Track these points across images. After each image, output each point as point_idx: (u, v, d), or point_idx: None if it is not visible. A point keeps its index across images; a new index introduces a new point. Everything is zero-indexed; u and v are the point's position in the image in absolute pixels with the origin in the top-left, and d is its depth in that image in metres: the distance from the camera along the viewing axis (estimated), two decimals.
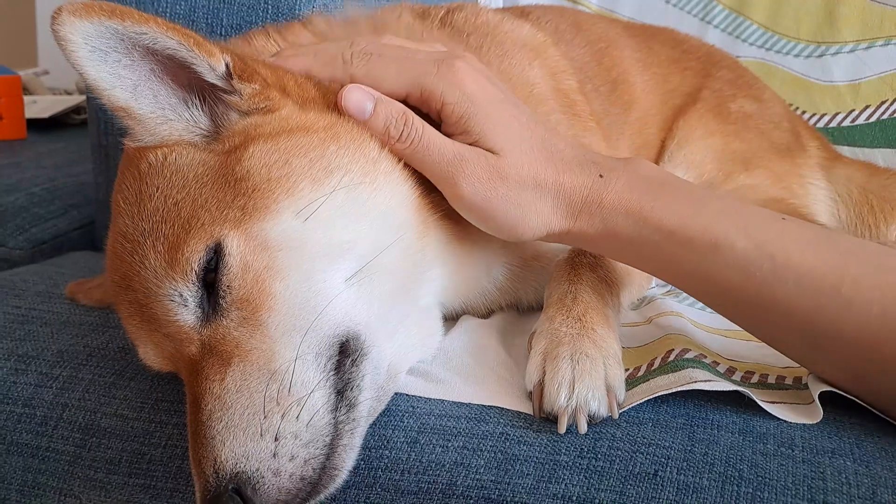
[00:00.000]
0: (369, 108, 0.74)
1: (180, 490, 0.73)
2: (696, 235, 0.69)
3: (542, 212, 0.73)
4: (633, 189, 0.72)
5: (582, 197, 0.73)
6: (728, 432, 0.68)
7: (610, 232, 0.72)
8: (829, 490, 0.62)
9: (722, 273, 0.68)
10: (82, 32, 0.67)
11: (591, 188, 0.72)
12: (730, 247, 0.68)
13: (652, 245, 0.71)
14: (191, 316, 0.68)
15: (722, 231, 0.68)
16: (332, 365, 0.68)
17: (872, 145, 1.42)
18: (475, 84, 0.74)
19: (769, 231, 0.68)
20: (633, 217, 0.71)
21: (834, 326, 0.65)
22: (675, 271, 0.73)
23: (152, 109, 0.73)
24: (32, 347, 0.87)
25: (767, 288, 0.67)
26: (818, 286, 0.65)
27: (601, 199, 0.72)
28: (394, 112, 0.74)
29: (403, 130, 0.74)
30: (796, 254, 0.66)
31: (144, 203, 0.70)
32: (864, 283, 0.64)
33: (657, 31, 1.36)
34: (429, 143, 0.73)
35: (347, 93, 0.74)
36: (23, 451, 0.78)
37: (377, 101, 0.75)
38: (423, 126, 0.74)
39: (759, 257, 0.67)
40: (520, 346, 0.80)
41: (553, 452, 0.66)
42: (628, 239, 0.72)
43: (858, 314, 0.64)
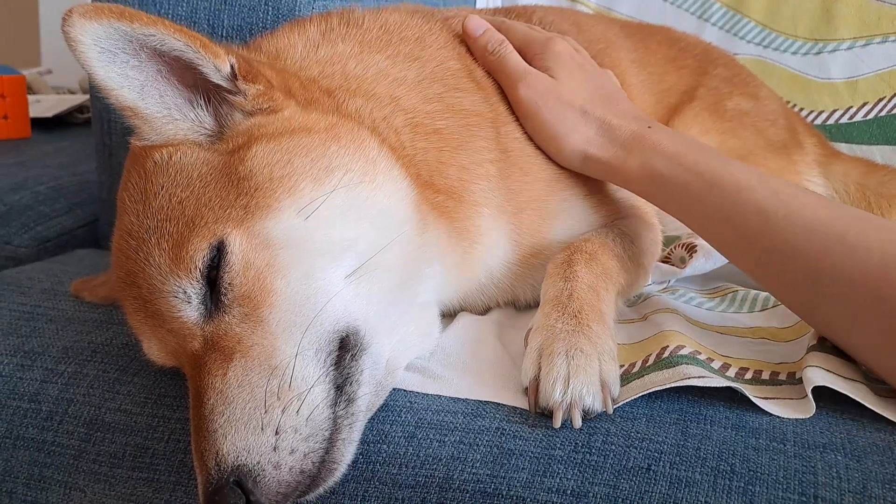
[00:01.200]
0: (481, 30, 0.97)
1: (183, 483, 0.74)
2: (723, 178, 0.78)
3: (585, 134, 0.89)
4: (673, 141, 0.84)
5: (625, 135, 0.87)
6: (721, 427, 0.68)
7: (647, 169, 0.84)
8: (820, 484, 0.62)
9: (741, 214, 0.76)
10: (92, 34, 0.69)
11: (636, 131, 0.87)
12: (751, 191, 0.76)
13: (682, 185, 0.81)
14: (194, 312, 0.69)
15: (745, 178, 0.78)
16: (332, 360, 0.68)
17: (870, 142, 1.42)
18: (565, 49, 0.96)
19: (787, 188, 0.76)
20: (669, 158, 0.82)
21: (836, 268, 0.70)
22: (700, 211, 0.81)
23: (158, 109, 0.74)
24: (38, 344, 0.88)
25: (781, 231, 0.74)
26: (826, 233, 0.71)
27: (643, 141, 0.85)
28: (496, 37, 0.97)
29: (497, 48, 0.95)
30: (808, 205, 0.74)
31: (149, 201, 0.71)
32: (868, 236, 0.70)
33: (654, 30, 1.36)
34: (509, 58, 0.94)
35: (469, 19, 0.98)
36: (29, 445, 0.79)
37: (487, 28, 0.97)
38: (512, 50, 0.95)
39: (775, 203, 0.74)
40: (517, 342, 0.81)
41: (548, 447, 0.67)
42: (662, 176, 0.83)
43: (860, 259, 0.69)
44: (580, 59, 0.97)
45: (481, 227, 0.86)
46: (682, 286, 1.03)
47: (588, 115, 0.90)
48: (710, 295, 1.00)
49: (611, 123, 0.88)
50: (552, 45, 0.96)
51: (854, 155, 1.39)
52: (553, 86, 0.92)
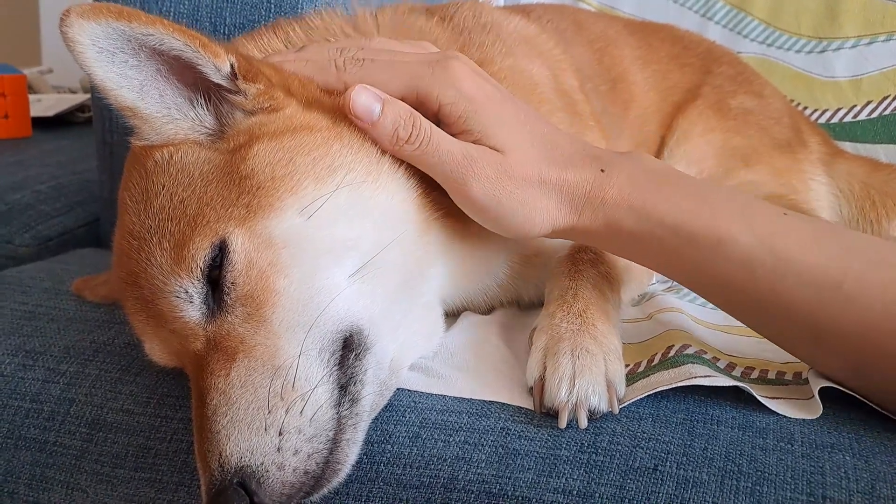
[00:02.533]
0: (377, 109, 0.73)
1: (186, 484, 0.73)
2: (700, 230, 0.69)
3: (547, 209, 0.73)
4: (635, 183, 0.71)
5: (584, 192, 0.72)
6: (727, 427, 0.68)
7: (613, 227, 0.72)
8: (829, 484, 0.62)
9: (725, 268, 0.68)
10: (90, 34, 0.68)
11: (593, 183, 0.72)
12: (733, 242, 0.68)
13: (655, 240, 0.71)
14: (196, 312, 0.69)
15: (725, 226, 0.68)
16: (336, 360, 0.68)
17: (874, 141, 1.42)
18: (472, 82, 0.73)
19: (772, 226, 0.68)
20: (635, 211, 0.71)
21: (835, 322, 0.65)
22: (678, 267, 0.73)
23: (158, 109, 0.73)
24: (39, 343, 0.87)
25: (770, 284, 0.67)
26: (820, 282, 0.65)
27: (603, 194, 0.72)
28: (402, 113, 0.73)
29: (412, 132, 0.72)
30: (799, 250, 0.66)
31: (150, 201, 0.71)
32: (866, 280, 0.65)
33: (657, 28, 1.36)
34: (438, 144, 0.72)
35: (355, 95, 0.73)
36: (30, 445, 0.79)
37: (385, 102, 0.73)
38: (430, 126, 0.73)
39: (761, 253, 0.67)
40: (521, 341, 0.81)
41: (553, 447, 0.66)
42: (631, 233, 0.71)
43: (860, 310, 0.64)
44: (489, 88, 0.75)
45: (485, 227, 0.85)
46: None
47: (545, 183, 0.73)
48: None
49: (568, 182, 0.72)
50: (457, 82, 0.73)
51: (858, 154, 1.39)
52: (504, 165, 0.72)
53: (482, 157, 0.72)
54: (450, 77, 0.73)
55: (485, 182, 0.72)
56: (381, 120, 0.73)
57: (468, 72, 0.74)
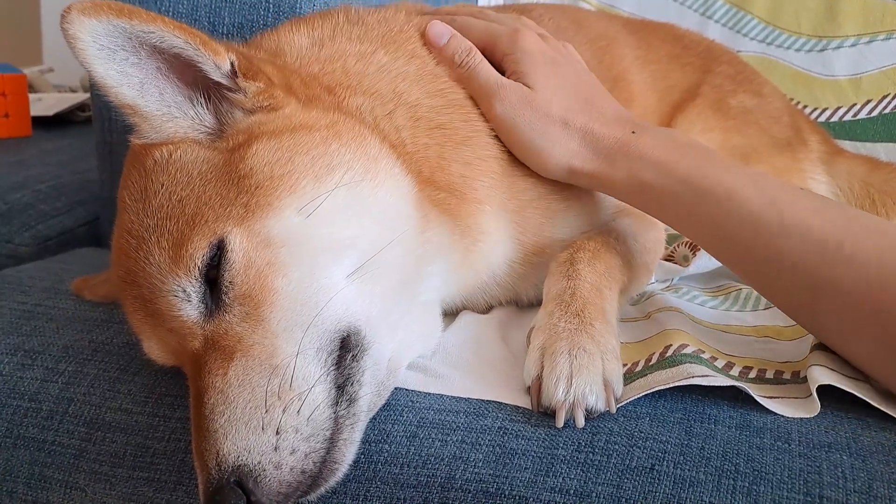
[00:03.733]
0: (445, 38, 0.91)
1: (184, 483, 0.74)
2: (715, 187, 0.75)
3: (567, 147, 0.84)
4: (661, 146, 0.80)
5: (610, 144, 0.82)
6: (725, 427, 0.68)
7: (634, 179, 0.80)
8: (826, 484, 0.62)
9: (734, 225, 0.74)
10: (91, 31, 0.68)
11: (620, 139, 0.82)
12: (744, 200, 0.73)
13: (672, 195, 0.78)
14: (194, 311, 0.69)
15: (739, 186, 0.74)
16: (333, 360, 0.68)
17: (874, 139, 1.41)
18: (531, 41, 0.91)
19: (781, 193, 0.74)
20: (656, 166, 0.79)
21: (835, 280, 0.69)
22: (691, 221, 0.78)
23: (158, 107, 0.73)
24: (38, 343, 0.87)
25: (775, 242, 0.71)
26: (823, 243, 0.69)
27: (629, 149, 0.81)
28: (462, 45, 0.91)
29: (465, 59, 0.90)
30: (804, 213, 0.71)
31: (149, 199, 0.71)
32: (865, 243, 0.68)
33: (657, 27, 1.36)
34: (480, 70, 0.89)
35: (431, 25, 0.92)
36: (29, 444, 0.79)
37: (452, 35, 0.92)
38: (481, 59, 0.90)
39: (769, 213, 0.72)
40: (519, 340, 0.81)
41: (551, 446, 0.66)
42: (650, 187, 0.79)
43: (858, 268, 0.68)
44: (552, 53, 0.91)
45: (483, 225, 0.85)
46: (686, 284, 1.03)
47: (569, 125, 0.85)
48: (714, 293, 0.99)
49: (594, 132, 0.84)
50: (520, 41, 0.90)
51: (858, 153, 1.38)
52: (529, 97, 0.86)
53: (511, 86, 0.87)
54: (517, 38, 0.91)
55: (507, 105, 0.86)
56: (445, 46, 0.91)
57: (532, 35, 0.92)
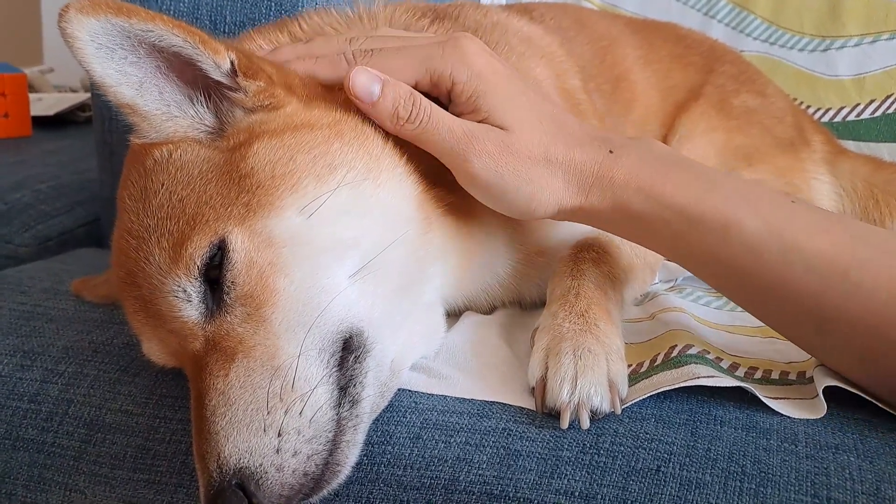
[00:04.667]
0: (377, 90, 0.74)
1: (184, 485, 0.73)
2: (707, 213, 0.69)
3: (553, 188, 0.73)
4: (644, 165, 0.72)
5: (593, 172, 0.73)
6: (731, 428, 0.68)
7: (621, 208, 0.72)
8: (833, 486, 0.61)
9: (731, 253, 0.68)
10: (89, 30, 0.68)
11: (601, 163, 0.73)
12: (740, 226, 0.68)
13: (662, 222, 0.71)
14: (195, 312, 0.68)
15: (732, 210, 0.68)
16: (336, 361, 0.68)
17: (878, 139, 1.41)
18: (483, 60, 0.74)
19: (780, 213, 0.68)
20: (644, 193, 0.71)
21: (841, 310, 0.65)
22: (684, 250, 0.72)
23: (157, 106, 0.73)
24: (38, 344, 0.87)
25: (776, 269, 0.67)
26: (827, 269, 0.65)
27: (612, 175, 0.72)
28: (402, 93, 0.73)
29: (412, 111, 0.73)
30: (806, 236, 0.66)
31: (149, 199, 0.70)
32: (873, 267, 0.64)
33: (660, 27, 1.36)
34: (438, 122, 0.73)
35: (354, 76, 0.74)
36: (28, 446, 0.79)
37: (384, 82, 0.74)
38: (430, 105, 0.73)
39: (768, 238, 0.67)
40: (522, 341, 0.80)
41: (555, 448, 0.66)
42: (639, 215, 0.72)
43: (866, 297, 0.64)
44: (498, 65, 0.76)
45: (487, 226, 0.85)
46: (690, 285, 1.03)
47: (551, 161, 0.73)
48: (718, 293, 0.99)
49: (575, 162, 0.73)
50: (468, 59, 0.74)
51: (861, 153, 1.38)
52: (507, 141, 0.72)
53: (483, 133, 0.72)
54: (462, 55, 0.74)
55: (486, 158, 0.72)
56: (380, 100, 0.73)
57: (479, 49, 0.75)
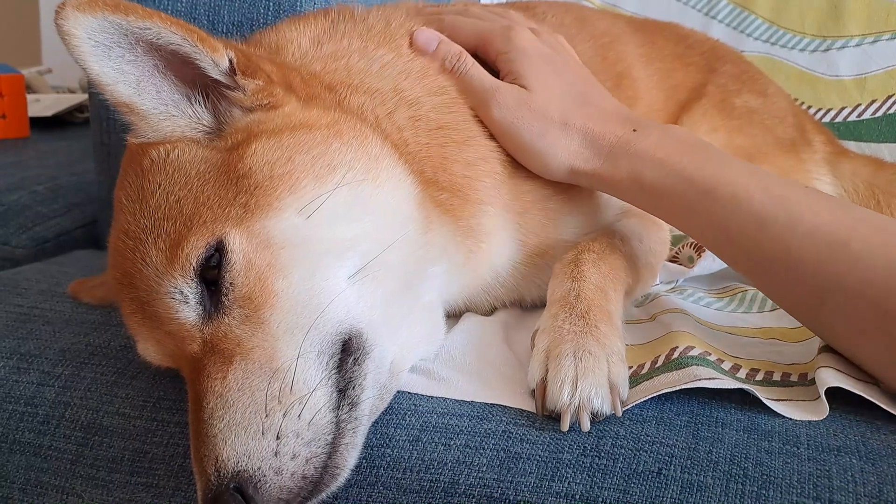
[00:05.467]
0: (434, 45, 0.90)
1: (182, 489, 0.73)
2: (718, 186, 0.74)
3: (568, 148, 0.83)
4: (663, 144, 0.79)
5: (611, 143, 0.81)
6: (732, 430, 0.67)
7: (636, 178, 0.79)
8: (835, 488, 0.61)
9: (739, 223, 0.73)
10: (86, 27, 0.67)
11: (621, 137, 0.81)
12: (748, 198, 0.72)
13: (675, 194, 0.77)
14: (192, 313, 0.68)
15: (742, 184, 0.73)
16: (335, 363, 0.67)
17: (879, 140, 1.41)
18: (527, 41, 0.89)
19: (786, 191, 0.73)
20: (658, 165, 0.78)
21: (841, 279, 0.67)
22: (693, 220, 0.77)
23: (155, 105, 0.72)
24: (35, 346, 0.87)
25: (780, 239, 0.70)
26: (829, 240, 0.68)
27: (630, 148, 0.80)
28: (452, 50, 0.89)
29: (456, 64, 0.88)
30: (810, 210, 0.70)
31: (146, 200, 0.70)
32: (873, 242, 0.67)
33: (661, 26, 1.35)
34: (473, 74, 0.88)
35: (417, 33, 0.90)
36: (25, 449, 0.78)
37: (440, 41, 0.90)
38: (472, 63, 0.88)
39: (775, 210, 0.71)
40: (523, 343, 0.80)
41: (556, 450, 0.66)
42: (652, 186, 0.78)
43: (865, 269, 0.66)
44: (546, 50, 0.90)
45: (486, 227, 0.84)
46: (691, 286, 1.03)
47: (569, 125, 0.84)
48: (719, 295, 0.99)
49: (594, 131, 0.83)
50: (514, 39, 0.89)
51: (863, 153, 1.38)
52: (527, 99, 0.85)
53: (506, 88, 0.86)
54: (510, 36, 0.90)
55: (504, 109, 0.85)
56: (435, 52, 0.90)
57: (525, 32, 0.91)
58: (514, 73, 0.87)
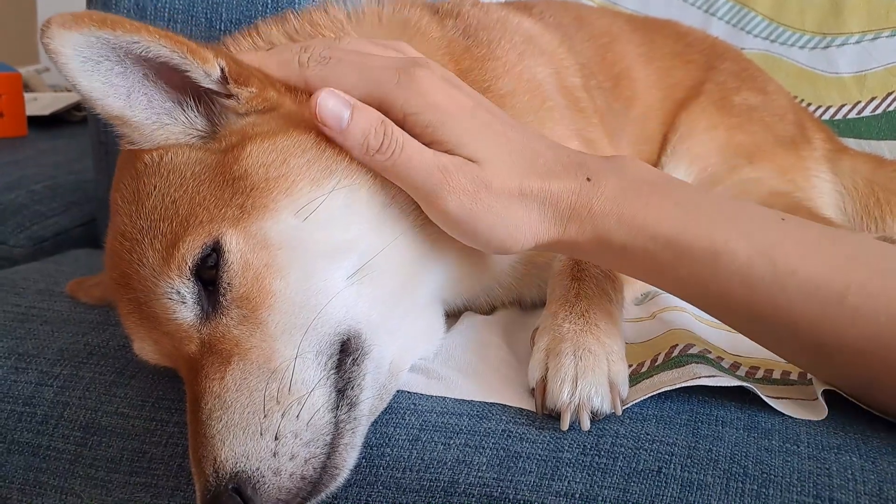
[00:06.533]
0: (346, 116, 0.68)
1: (181, 489, 0.73)
2: (695, 242, 0.65)
3: (529, 222, 0.69)
4: (623, 192, 0.68)
5: (570, 203, 0.68)
6: (732, 428, 0.67)
7: (602, 239, 0.68)
8: (835, 486, 0.61)
9: (722, 281, 0.65)
10: (73, 44, 0.66)
11: (578, 193, 0.68)
12: (730, 254, 0.65)
13: (648, 254, 0.67)
14: (189, 314, 0.68)
15: (721, 237, 0.65)
16: (333, 363, 0.67)
17: (879, 137, 1.41)
18: (440, 91, 0.69)
19: (771, 235, 0.66)
20: (625, 224, 0.67)
21: (839, 336, 0.63)
22: (672, 280, 0.69)
23: (147, 115, 0.71)
24: (33, 346, 0.87)
25: (769, 297, 0.64)
26: (823, 295, 0.62)
27: (590, 205, 0.68)
28: (373, 121, 0.68)
29: (384, 141, 0.68)
30: (799, 259, 0.64)
31: (142, 201, 0.70)
32: (870, 290, 0.62)
33: (661, 25, 1.35)
34: (410, 155, 0.68)
35: (322, 100, 0.68)
36: (24, 449, 0.78)
37: (354, 108, 0.69)
38: (403, 135, 0.68)
39: (761, 265, 0.64)
40: (522, 342, 0.80)
41: (556, 449, 0.66)
42: (621, 247, 0.68)
43: (865, 323, 0.61)
44: (464, 98, 0.71)
45: None
46: None
47: (526, 195, 0.68)
48: None
49: (552, 193, 0.68)
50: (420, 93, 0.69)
51: (862, 150, 1.38)
52: (480, 176, 0.68)
53: (457, 168, 0.68)
54: (417, 86, 0.69)
55: (461, 195, 0.68)
56: (349, 128, 0.68)
57: (436, 80, 0.70)
58: (444, 143, 0.68)
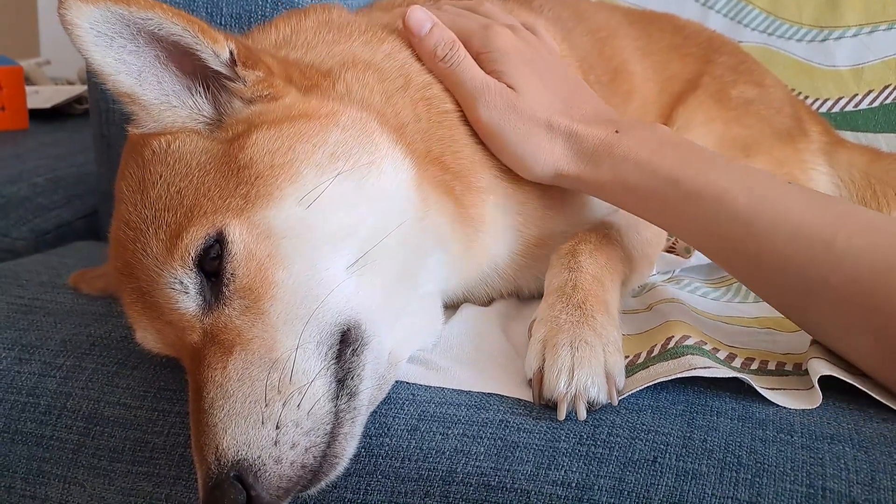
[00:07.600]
0: (427, 27, 0.86)
1: (183, 478, 0.73)
2: (702, 188, 0.74)
3: (552, 151, 0.82)
4: (646, 145, 0.78)
5: (594, 146, 0.80)
6: (727, 419, 0.68)
7: (619, 180, 0.79)
8: (828, 476, 0.62)
9: (723, 224, 0.73)
10: (88, 17, 0.68)
11: (604, 139, 0.80)
12: (733, 199, 0.72)
13: (659, 195, 0.76)
14: (192, 304, 0.68)
15: (727, 185, 0.73)
16: (333, 354, 0.68)
17: (875, 130, 1.41)
18: (507, 40, 0.87)
19: (771, 190, 0.73)
20: (641, 167, 0.77)
21: (825, 279, 0.68)
22: (678, 221, 0.77)
23: (156, 96, 0.73)
24: (36, 337, 0.87)
25: (765, 240, 0.71)
26: (813, 239, 0.68)
27: (613, 150, 0.79)
28: (445, 37, 0.86)
29: (448, 53, 0.85)
30: (794, 209, 0.70)
31: (147, 191, 0.70)
32: (856, 241, 0.67)
33: (658, 18, 1.35)
34: (464, 68, 0.85)
35: (411, 11, 0.87)
36: (27, 439, 0.79)
37: (435, 24, 0.87)
38: (465, 55, 0.85)
39: (758, 210, 0.71)
40: (520, 333, 0.80)
41: (552, 439, 0.66)
42: (636, 187, 0.77)
43: (849, 267, 0.66)
44: (527, 50, 0.88)
45: (486, 216, 0.85)
46: (687, 276, 1.03)
47: (553, 128, 0.82)
48: (715, 284, 0.99)
49: (577, 134, 0.81)
50: (494, 39, 0.86)
51: (859, 143, 1.38)
52: (514, 101, 0.83)
53: (496, 88, 0.84)
54: (493, 34, 0.87)
55: (492, 109, 0.83)
56: (427, 36, 0.86)
57: (505, 31, 0.88)
58: (497, 73, 0.85)
